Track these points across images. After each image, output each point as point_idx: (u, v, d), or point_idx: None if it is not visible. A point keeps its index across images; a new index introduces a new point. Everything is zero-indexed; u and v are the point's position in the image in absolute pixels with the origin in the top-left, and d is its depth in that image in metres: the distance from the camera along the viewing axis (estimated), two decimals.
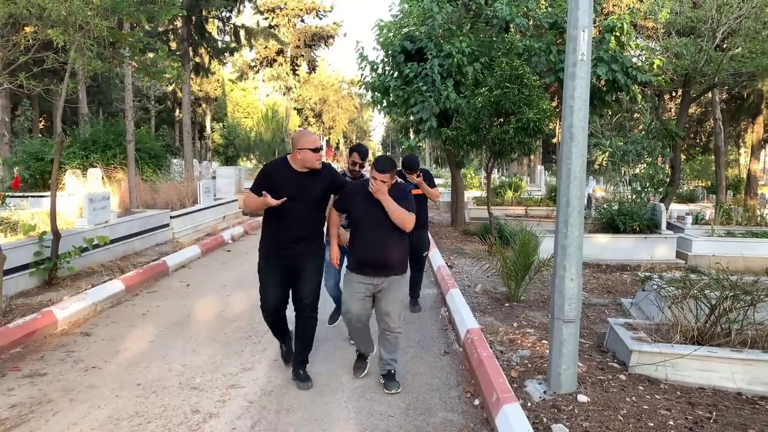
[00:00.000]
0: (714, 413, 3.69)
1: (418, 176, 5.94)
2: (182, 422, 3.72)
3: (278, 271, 4.20)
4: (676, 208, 14.11)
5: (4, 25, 6.19)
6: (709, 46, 11.01)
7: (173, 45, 19.51)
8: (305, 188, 4.06)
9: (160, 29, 18.36)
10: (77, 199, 9.89)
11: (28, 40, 6.26)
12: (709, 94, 17.16)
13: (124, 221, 9.18)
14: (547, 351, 4.22)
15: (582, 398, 3.85)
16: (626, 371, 4.34)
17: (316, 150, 4.00)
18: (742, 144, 28.40)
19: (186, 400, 4.04)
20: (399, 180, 4.26)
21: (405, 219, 4.01)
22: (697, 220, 11.30)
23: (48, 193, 7.36)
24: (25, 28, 6.61)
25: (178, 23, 18.41)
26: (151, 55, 9.16)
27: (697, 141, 27.31)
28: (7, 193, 7.25)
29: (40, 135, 25.10)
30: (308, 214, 4.13)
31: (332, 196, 4.33)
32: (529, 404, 3.84)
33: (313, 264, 4.26)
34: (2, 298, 5.65)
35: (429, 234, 6.92)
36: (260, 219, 4.57)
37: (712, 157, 20.31)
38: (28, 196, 11.62)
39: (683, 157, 21.49)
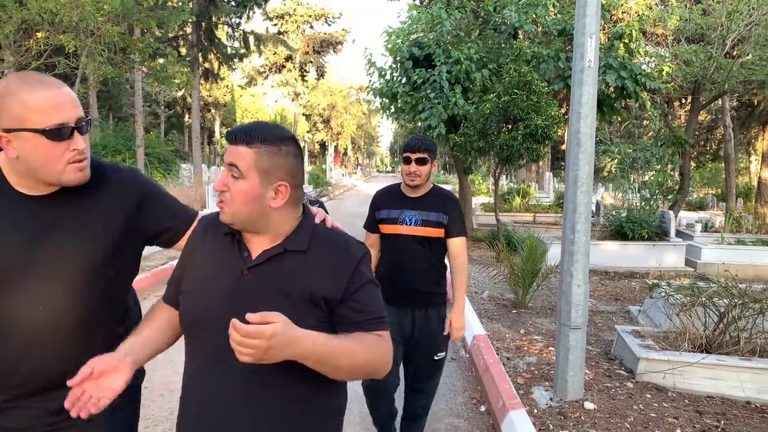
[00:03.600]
0: (722, 422, 3.66)
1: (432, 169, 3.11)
2: None
3: None
4: (686, 215, 14.04)
5: (17, 30, 6.26)
6: (718, 53, 10.98)
7: (183, 51, 19.64)
8: (46, 238, 1.49)
9: (170, 35, 18.49)
10: None
11: (40, 46, 6.33)
12: (719, 102, 17.08)
13: None
14: (554, 358, 4.21)
15: (589, 405, 3.83)
16: (633, 379, 4.31)
17: (61, 132, 1.41)
18: (752, 152, 28.23)
19: None
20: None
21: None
22: (707, 227, 11.24)
23: None
24: (37, 33, 6.68)
25: (188, 29, 18.55)
26: (161, 60, 9.25)
27: (707, 148, 27.17)
28: None
29: None
30: (61, 310, 1.50)
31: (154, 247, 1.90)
32: (536, 411, 3.82)
33: None
34: None
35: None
36: None
37: (722, 164, 20.20)
38: None
39: (693, 164, 21.38)
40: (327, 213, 1.62)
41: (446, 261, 3.09)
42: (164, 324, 1.56)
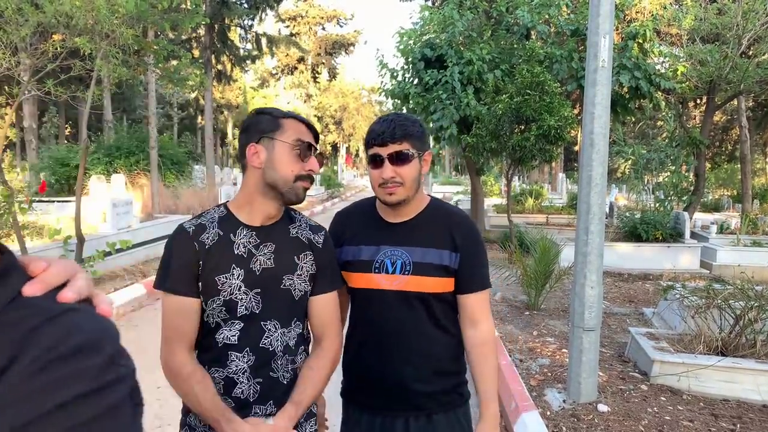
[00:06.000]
0: (738, 426, 3.61)
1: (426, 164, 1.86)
2: None
3: None
4: (701, 217, 13.88)
5: (33, 33, 6.34)
6: (734, 53, 10.87)
7: (196, 53, 19.79)
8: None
9: (184, 37, 18.64)
10: (101, 205, 10.07)
11: (56, 48, 6.40)
12: (735, 102, 16.90)
13: (146, 226, 9.32)
14: (567, 360, 4.18)
15: (602, 408, 3.80)
16: (648, 381, 4.27)
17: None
18: None
19: None
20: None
21: None
22: (722, 229, 11.11)
23: (73, 198, 7.51)
24: (53, 36, 6.77)
25: (201, 31, 18.69)
26: (174, 62, 9.32)
27: (723, 149, 26.91)
28: (33, 198, 7.40)
29: (66, 141, 25.61)
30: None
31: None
32: (548, 413, 3.79)
33: None
34: None
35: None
36: None
37: (738, 165, 19.98)
38: (53, 201, 11.85)
39: (708, 165, 21.16)
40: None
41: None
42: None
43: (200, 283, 1.55)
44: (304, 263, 1.64)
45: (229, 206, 1.65)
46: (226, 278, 1.55)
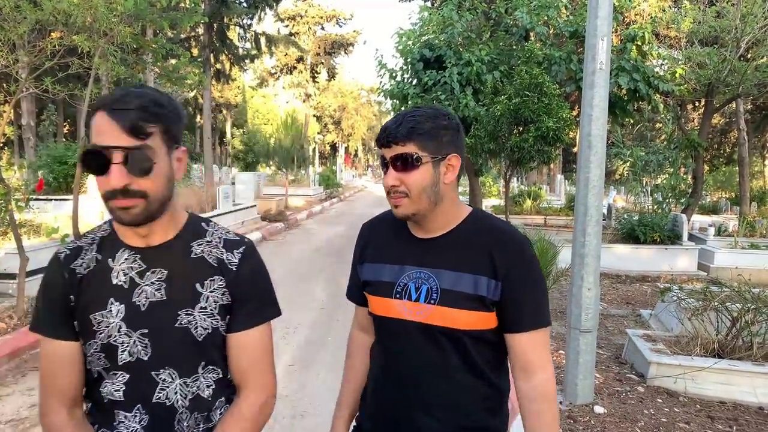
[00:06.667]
0: (734, 428, 3.61)
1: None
2: None
3: None
4: (699, 219, 13.91)
5: (31, 30, 6.33)
6: (732, 56, 10.89)
7: (195, 52, 19.78)
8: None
9: (183, 36, 18.64)
10: (99, 203, 10.04)
11: (54, 46, 6.38)
12: (733, 105, 16.93)
13: None
14: (564, 361, 4.18)
15: (599, 409, 3.80)
16: (644, 383, 4.27)
17: None
18: (767, 155, 27.96)
19: None
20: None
21: None
22: (720, 231, 11.13)
23: (70, 197, 7.49)
24: (51, 34, 6.75)
25: (200, 30, 18.68)
26: (173, 61, 9.31)
27: (721, 152, 26.96)
28: (30, 196, 7.38)
29: (64, 139, 25.57)
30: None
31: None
32: None
33: None
34: (24, 299, 5.74)
35: None
36: (279, 224, 4.11)
37: (736, 168, 20.01)
38: (51, 199, 11.82)
39: (706, 167, 21.20)
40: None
41: (508, 366, 1.48)
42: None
43: (75, 322, 1.23)
44: (211, 292, 1.26)
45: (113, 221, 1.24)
46: (102, 316, 1.21)
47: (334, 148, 60.09)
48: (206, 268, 1.27)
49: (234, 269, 1.30)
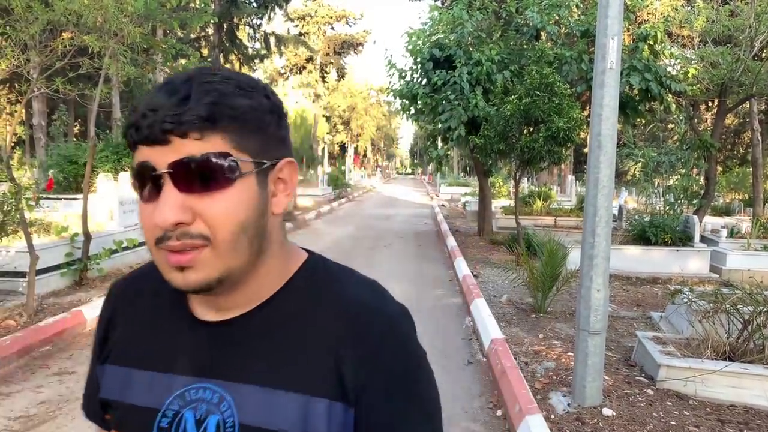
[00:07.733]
0: (745, 431, 3.57)
1: None
2: None
3: None
4: (711, 220, 13.77)
5: (42, 31, 6.37)
6: (746, 56, 10.77)
7: (205, 52, 19.88)
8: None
9: (192, 36, 18.73)
10: (108, 202, 10.10)
11: (65, 46, 6.42)
12: (747, 105, 16.76)
13: None
14: (573, 363, 4.14)
15: (607, 412, 3.76)
16: (654, 386, 4.22)
17: None
18: None
19: None
20: None
21: None
22: (733, 233, 11.00)
23: (80, 196, 7.53)
24: (62, 34, 6.79)
25: (210, 30, 18.76)
26: (183, 61, 9.35)
27: (734, 152, 26.71)
28: (41, 195, 7.44)
29: (74, 139, 25.76)
30: None
31: None
32: (553, 416, 3.76)
33: None
34: (34, 297, 5.77)
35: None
36: (287, 224, 3.98)
37: (750, 169, 19.81)
38: (61, 198, 11.89)
39: (719, 169, 21.00)
40: None
41: None
42: None
43: None
44: None
45: None
46: None
47: (343, 148, 60.15)
48: None
49: None
